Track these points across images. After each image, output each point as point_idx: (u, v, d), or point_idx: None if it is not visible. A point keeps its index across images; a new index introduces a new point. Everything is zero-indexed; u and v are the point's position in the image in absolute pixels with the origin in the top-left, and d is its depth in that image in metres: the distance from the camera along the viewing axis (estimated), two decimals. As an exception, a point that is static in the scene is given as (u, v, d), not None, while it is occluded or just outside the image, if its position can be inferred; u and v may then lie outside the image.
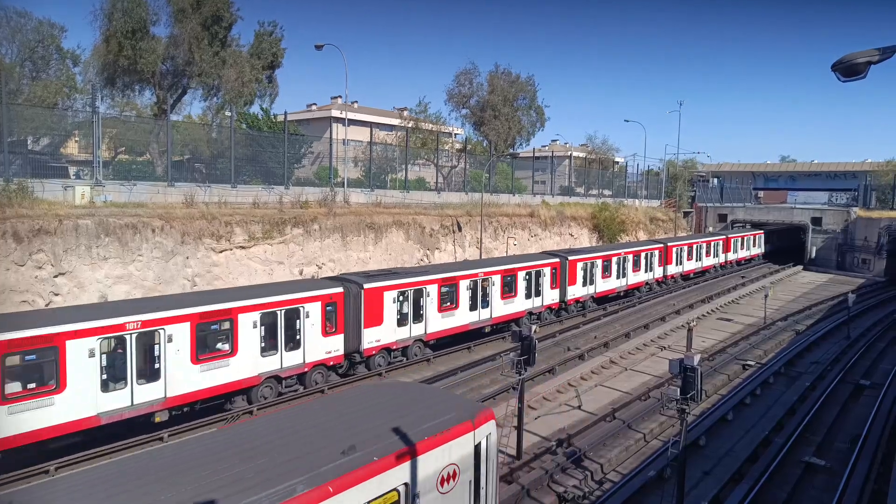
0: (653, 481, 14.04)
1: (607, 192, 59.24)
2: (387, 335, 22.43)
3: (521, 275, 28.80)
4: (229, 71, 31.40)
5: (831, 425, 18.46)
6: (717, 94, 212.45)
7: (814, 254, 56.93)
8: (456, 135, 54.09)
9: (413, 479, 8.65)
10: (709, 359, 24.57)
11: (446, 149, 46.18)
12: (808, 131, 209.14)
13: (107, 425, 15.29)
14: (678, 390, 11.52)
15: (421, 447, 8.80)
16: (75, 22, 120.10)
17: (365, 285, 21.50)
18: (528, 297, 29.33)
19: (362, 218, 30.61)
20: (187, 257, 23.45)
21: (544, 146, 74.47)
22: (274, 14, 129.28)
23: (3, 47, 30.84)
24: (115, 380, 15.40)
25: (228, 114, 31.86)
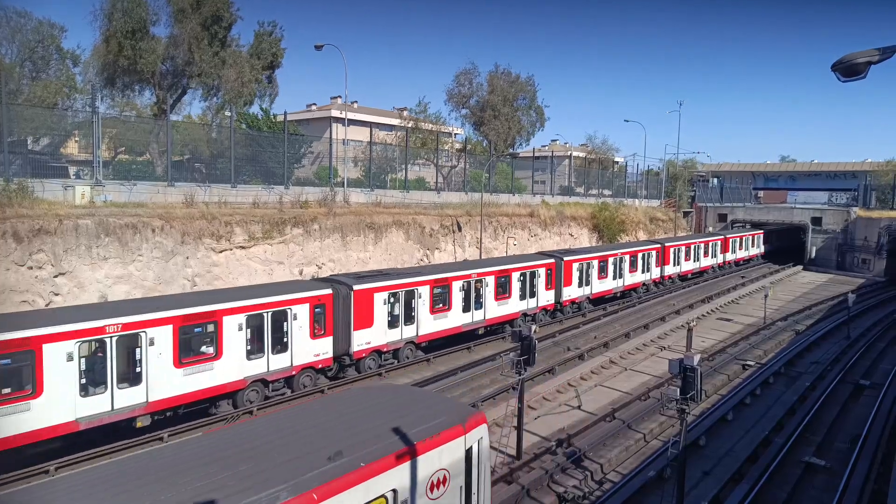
0: (653, 481, 14.05)
1: (607, 192, 59.19)
2: (377, 337, 22.17)
3: (515, 276, 28.52)
4: (229, 71, 31.42)
5: (831, 425, 18.46)
6: (717, 94, 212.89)
7: (814, 254, 56.92)
8: (456, 135, 54.09)
9: (401, 485, 8.53)
10: (709, 359, 24.58)
11: (446, 149, 46.15)
12: (808, 131, 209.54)
13: (86, 431, 14.94)
14: (678, 390, 11.53)
15: (410, 452, 8.66)
16: (75, 22, 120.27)
17: (354, 287, 21.24)
18: (522, 298, 29.08)
19: (362, 218, 30.61)
20: (187, 257, 23.45)
21: (544, 146, 74.45)
22: (274, 14, 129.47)
23: (3, 47, 30.91)
24: (94, 384, 15.06)
25: (228, 114, 31.87)
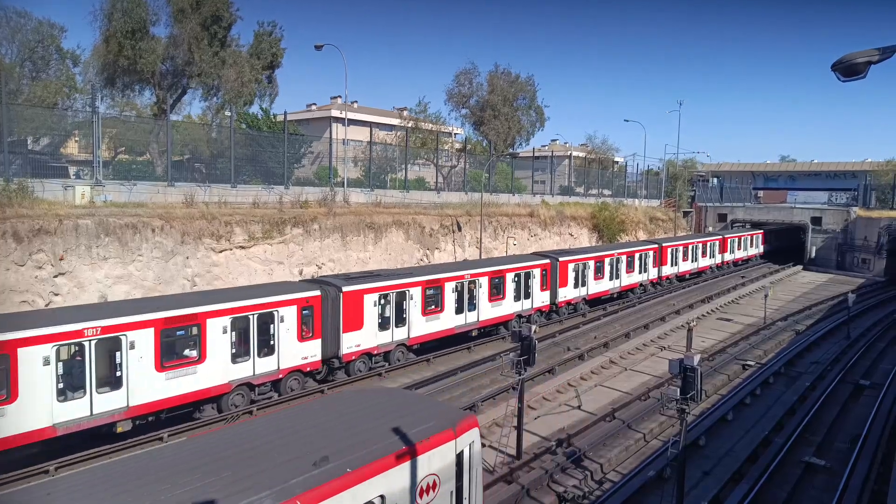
0: (653, 481, 14.06)
1: (607, 192, 59.16)
2: (367, 340, 21.80)
3: (509, 276, 28.14)
4: (229, 71, 31.41)
5: (831, 425, 18.47)
6: (717, 94, 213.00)
7: (813, 254, 56.92)
8: (456, 135, 54.05)
9: (389, 491, 8.37)
10: (709, 359, 24.59)
11: (446, 149, 46.11)
12: (808, 131, 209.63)
13: (64, 436, 14.68)
14: (678, 390, 11.53)
15: (398, 457, 8.49)
16: (75, 22, 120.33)
17: (344, 288, 20.88)
18: (517, 299, 28.68)
19: (362, 218, 30.60)
20: (187, 257, 23.45)
21: (544, 146, 74.42)
22: (274, 14, 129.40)
23: (3, 47, 30.87)
24: (72, 388, 14.79)
25: (228, 114, 31.85)
